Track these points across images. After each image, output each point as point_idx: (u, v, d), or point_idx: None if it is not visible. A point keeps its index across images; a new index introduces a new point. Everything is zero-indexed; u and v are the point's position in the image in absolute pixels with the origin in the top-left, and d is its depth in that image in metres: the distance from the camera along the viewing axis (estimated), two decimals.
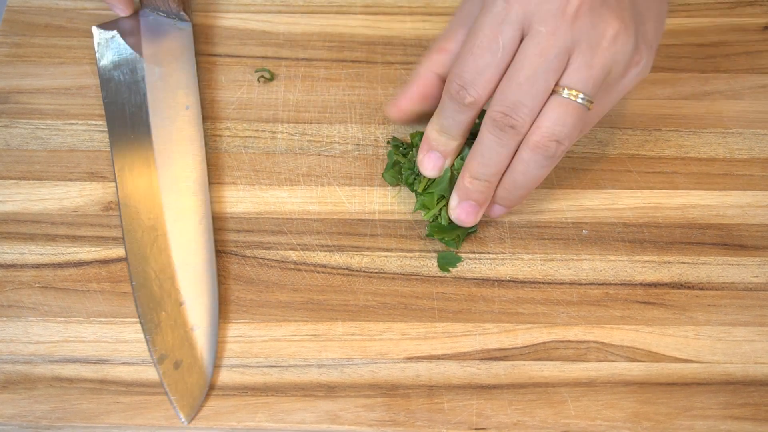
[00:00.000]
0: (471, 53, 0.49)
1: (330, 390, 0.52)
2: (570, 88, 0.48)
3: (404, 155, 0.58)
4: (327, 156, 0.61)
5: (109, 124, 0.59)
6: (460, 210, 0.54)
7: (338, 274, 0.56)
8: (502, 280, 0.56)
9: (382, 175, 0.59)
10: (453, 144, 0.54)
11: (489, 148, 0.51)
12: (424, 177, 0.55)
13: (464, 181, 0.53)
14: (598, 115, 0.52)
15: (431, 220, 0.56)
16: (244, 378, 0.52)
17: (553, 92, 0.49)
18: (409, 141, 0.60)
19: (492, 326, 0.54)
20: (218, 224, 0.57)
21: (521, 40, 0.48)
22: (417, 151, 0.56)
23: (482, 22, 0.49)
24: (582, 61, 0.48)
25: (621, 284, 0.56)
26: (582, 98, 0.49)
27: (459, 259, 0.56)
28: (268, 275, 0.55)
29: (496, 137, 0.50)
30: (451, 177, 0.54)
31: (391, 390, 0.52)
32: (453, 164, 0.54)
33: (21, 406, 0.51)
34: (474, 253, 0.57)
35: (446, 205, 0.55)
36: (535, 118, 0.49)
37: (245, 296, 0.55)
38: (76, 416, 0.50)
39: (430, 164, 0.54)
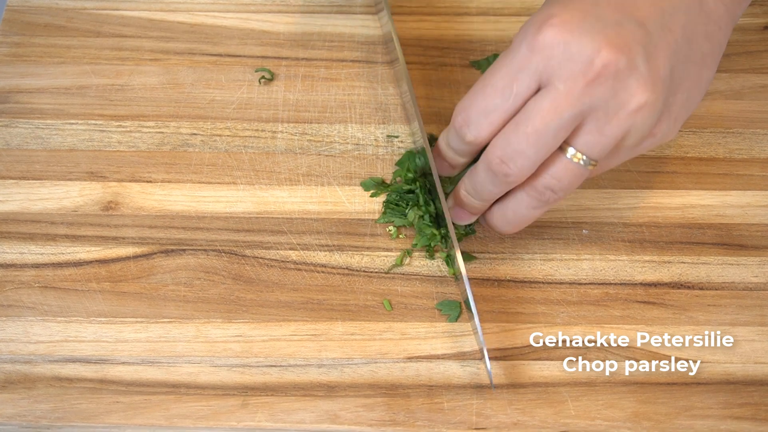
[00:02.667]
0: (482, 92, 0.47)
1: (330, 390, 0.52)
2: (576, 149, 0.47)
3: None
4: (327, 156, 0.61)
5: None
6: (455, 212, 0.54)
7: (338, 273, 0.56)
8: (502, 280, 0.56)
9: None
10: (459, 160, 0.53)
11: (482, 182, 0.50)
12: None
13: (461, 190, 0.52)
14: (602, 171, 0.51)
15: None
16: (244, 377, 0.52)
17: (559, 148, 0.47)
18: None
19: (492, 326, 0.54)
20: (218, 224, 0.57)
21: (536, 91, 0.46)
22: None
23: (501, 63, 0.47)
24: (594, 127, 0.46)
25: (621, 284, 0.56)
26: (585, 161, 0.47)
27: (459, 308, 0.55)
28: (268, 275, 0.55)
29: (489, 178, 0.49)
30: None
31: (390, 390, 0.52)
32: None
33: (21, 405, 0.51)
34: (474, 253, 0.57)
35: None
36: (533, 170, 0.48)
37: (245, 296, 0.55)
38: (75, 416, 0.50)
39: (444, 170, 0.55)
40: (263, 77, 0.64)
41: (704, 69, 0.49)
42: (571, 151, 0.47)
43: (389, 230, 0.57)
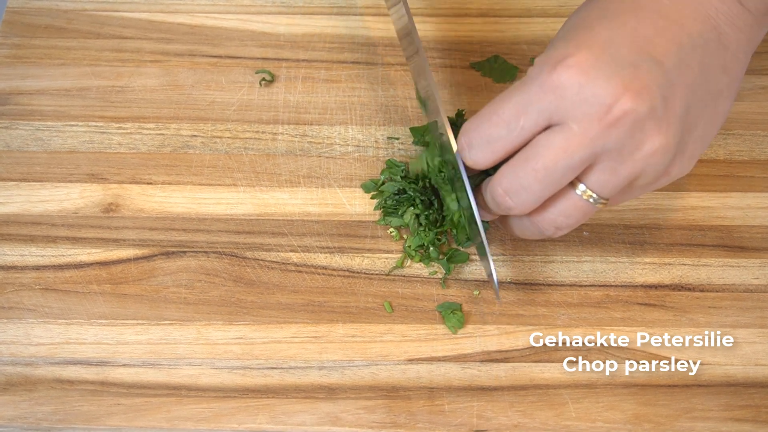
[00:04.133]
0: (488, 120, 0.46)
1: (331, 392, 0.52)
2: (587, 187, 0.46)
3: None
4: (327, 157, 0.61)
5: None
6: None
7: (339, 275, 0.56)
8: (503, 282, 0.56)
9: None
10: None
11: (487, 204, 0.49)
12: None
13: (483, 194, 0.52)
14: (610, 207, 0.50)
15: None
16: (245, 380, 0.52)
17: (570, 183, 0.46)
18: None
19: (493, 328, 0.54)
20: (218, 226, 0.57)
21: (543, 128, 0.45)
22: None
23: (512, 95, 0.46)
24: (608, 167, 0.45)
25: (621, 286, 0.56)
26: (595, 199, 0.46)
27: (461, 312, 0.55)
28: (269, 277, 0.55)
29: (493, 205, 0.48)
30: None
31: (391, 392, 0.52)
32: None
33: (22, 408, 0.51)
34: (475, 255, 0.57)
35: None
36: (538, 205, 0.47)
37: (246, 298, 0.55)
38: (76, 418, 0.50)
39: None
40: (264, 79, 0.64)
41: (720, 103, 0.48)
42: (581, 187, 0.46)
43: (390, 232, 0.57)
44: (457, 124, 0.59)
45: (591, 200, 0.46)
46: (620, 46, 0.45)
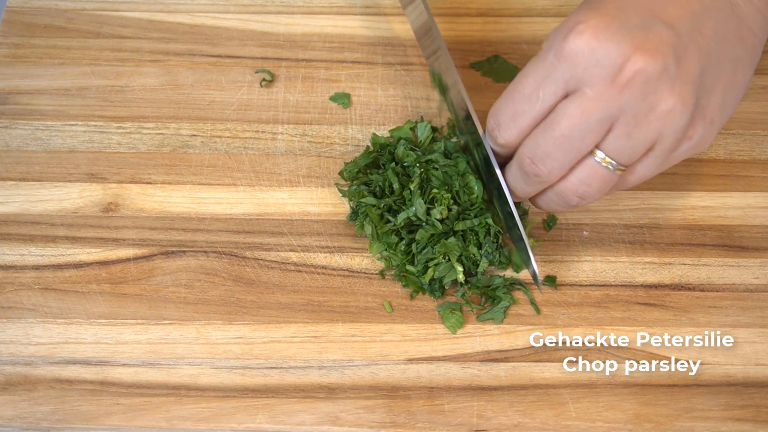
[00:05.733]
0: (511, 98, 0.48)
1: (330, 391, 0.52)
2: (605, 154, 0.47)
3: None
4: (327, 157, 0.61)
5: None
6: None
7: (338, 275, 0.56)
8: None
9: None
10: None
11: (515, 181, 0.50)
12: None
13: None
14: (641, 180, 0.50)
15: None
16: (244, 379, 0.52)
17: (590, 152, 0.47)
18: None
19: (493, 327, 0.54)
20: (218, 225, 0.57)
21: (563, 97, 0.46)
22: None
23: (529, 70, 0.47)
24: (623, 131, 0.46)
25: (622, 285, 0.56)
26: (613, 165, 0.47)
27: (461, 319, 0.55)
28: (269, 276, 0.55)
29: (522, 177, 0.49)
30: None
31: (391, 391, 0.52)
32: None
33: (21, 407, 0.51)
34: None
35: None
36: (565, 172, 0.48)
37: (245, 297, 0.55)
38: (76, 418, 0.50)
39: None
40: (264, 79, 0.64)
41: (739, 71, 0.48)
42: (599, 154, 0.47)
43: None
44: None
45: (610, 167, 0.47)
46: (631, 12, 0.45)
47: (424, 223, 0.54)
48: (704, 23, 0.46)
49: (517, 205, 0.52)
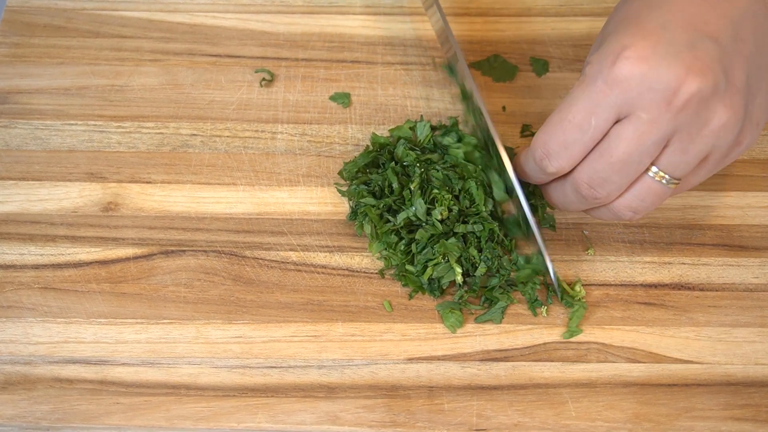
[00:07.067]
0: (560, 126, 0.47)
1: (330, 391, 0.52)
2: (659, 169, 0.47)
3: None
4: (327, 156, 0.61)
5: None
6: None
7: (338, 274, 0.56)
8: None
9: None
10: (537, 182, 0.53)
11: (570, 202, 0.51)
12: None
13: (544, 193, 0.53)
14: (691, 187, 0.51)
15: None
16: (244, 379, 0.52)
17: (645, 170, 0.48)
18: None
19: (492, 327, 0.54)
20: (217, 225, 0.57)
21: (616, 121, 0.46)
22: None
23: (577, 97, 0.47)
24: (678, 147, 0.46)
25: (621, 285, 0.56)
26: (668, 180, 0.47)
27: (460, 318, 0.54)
28: (268, 276, 0.55)
29: (578, 199, 0.50)
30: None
31: (391, 391, 0.52)
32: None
33: (21, 407, 0.51)
34: None
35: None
36: (621, 192, 0.48)
37: (245, 297, 0.55)
38: (75, 417, 0.50)
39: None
40: (264, 79, 0.64)
41: None
42: (653, 170, 0.47)
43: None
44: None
45: (664, 181, 0.48)
46: (674, 30, 0.46)
47: (423, 223, 0.54)
48: (743, 29, 0.47)
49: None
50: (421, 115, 0.62)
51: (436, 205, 0.54)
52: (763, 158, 0.61)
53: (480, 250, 0.54)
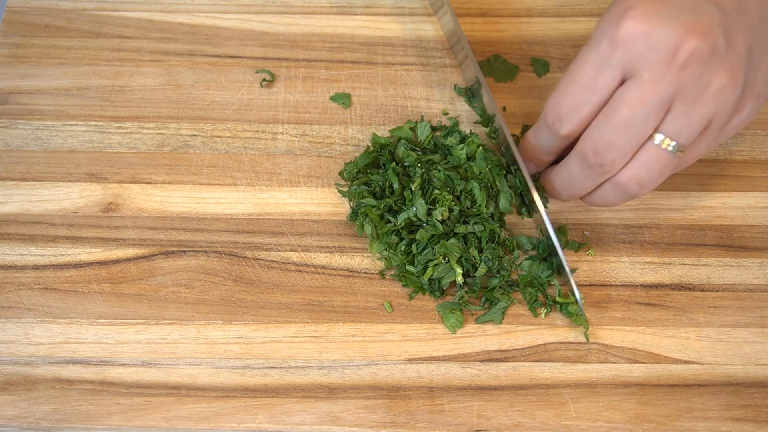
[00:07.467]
0: (570, 89, 0.49)
1: (330, 391, 0.52)
2: (665, 135, 0.48)
3: None
4: (327, 157, 0.61)
5: None
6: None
7: (339, 275, 0.56)
8: None
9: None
10: (546, 159, 0.54)
11: (575, 177, 0.51)
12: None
13: (547, 184, 0.54)
14: (696, 158, 0.51)
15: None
16: (244, 379, 0.52)
17: (649, 137, 0.48)
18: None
19: (493, 327, 0.54)
20: (218, 225, 0.57)
21: (621, 82, 0.47)
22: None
23: (584, 60, 0.48)
24: (682, 111, 0.47)
25: (621, 285, 0.56)
26: (673, 146, 0.48)
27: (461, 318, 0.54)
28: (269, 276, 0.55)
29: (584, 171, 0.50)
30: None
31: (391, 391, 0.52)
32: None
33: (21, 407, 0.51)
34: None
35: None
36: (627, 159, 0.49)
37: (246, 297, 0.55)
38: (76, 418, 0.50)
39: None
40: (264, 79, 0.64)
41: None
42: (659, 137, 0.48)
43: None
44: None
45: (670, 148, 0.48)
46: None
47: (424, 224, 0.54)
48: (748, 3, 0.48)
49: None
50: (422, 116, 0.62)
51: (437, 205, 0.54)
52: (763, 159, 0.61)
53: (480, 251, 0.54)
